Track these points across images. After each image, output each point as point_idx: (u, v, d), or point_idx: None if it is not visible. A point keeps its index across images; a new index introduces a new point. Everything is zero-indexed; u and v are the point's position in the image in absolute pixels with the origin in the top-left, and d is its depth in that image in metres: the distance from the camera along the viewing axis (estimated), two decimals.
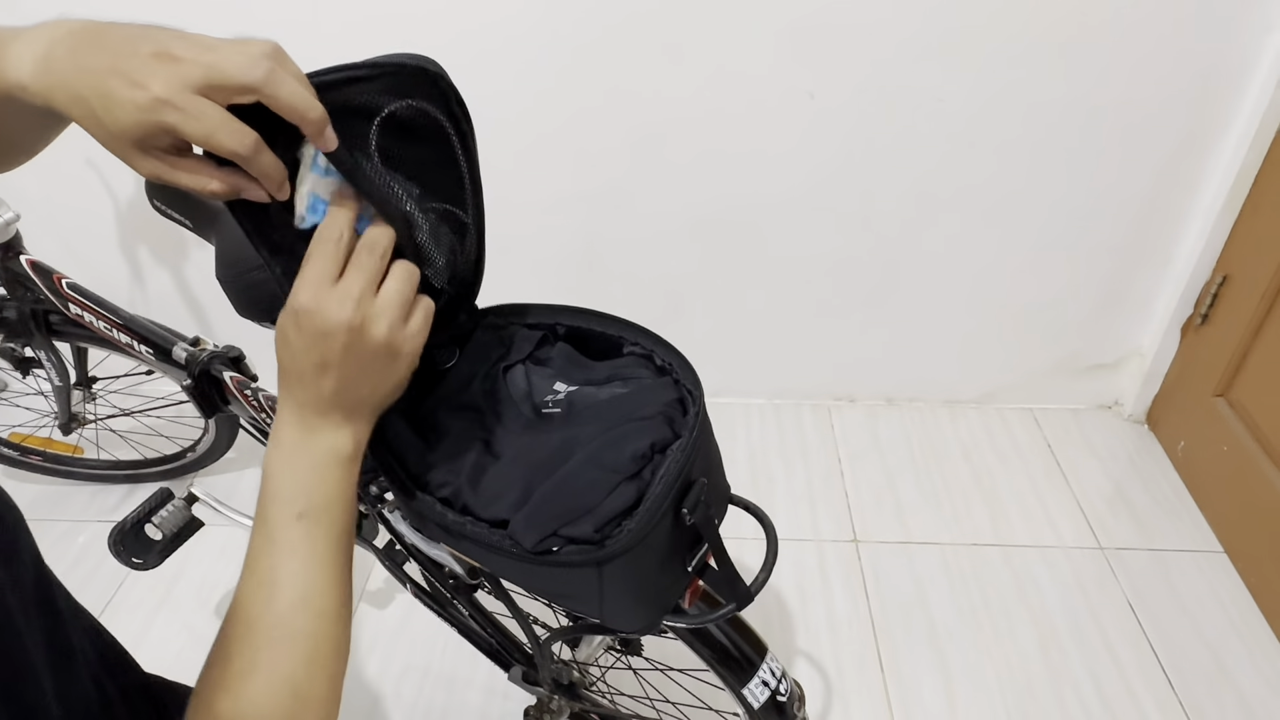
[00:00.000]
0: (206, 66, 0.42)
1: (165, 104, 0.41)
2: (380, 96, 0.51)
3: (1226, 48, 1.32)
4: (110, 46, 0.42)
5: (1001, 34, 1.33)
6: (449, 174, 0.59)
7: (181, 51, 0.42)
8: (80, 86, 0.42)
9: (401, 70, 0.52)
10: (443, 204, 0.59)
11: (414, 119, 0.54)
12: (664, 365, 0.65)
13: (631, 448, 0.58)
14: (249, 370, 1.06)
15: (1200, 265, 1.53)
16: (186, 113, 0.41)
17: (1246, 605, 1.41)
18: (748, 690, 0.79)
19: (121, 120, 0.41)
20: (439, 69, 0.53)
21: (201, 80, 0.42)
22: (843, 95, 1.41)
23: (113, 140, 0.43)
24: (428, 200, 0.58)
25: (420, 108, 0.54)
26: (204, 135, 0.42)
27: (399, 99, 0.52)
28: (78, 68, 0.42)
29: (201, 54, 0.42)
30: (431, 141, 0.56)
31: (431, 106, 0.54)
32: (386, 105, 0.52)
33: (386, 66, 0.51)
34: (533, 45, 1.38)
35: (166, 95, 0.41)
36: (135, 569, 1.11)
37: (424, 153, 0.56)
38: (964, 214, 1.54)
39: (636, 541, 0.54)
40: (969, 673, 1.33)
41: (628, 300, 1.70)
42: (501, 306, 0.71)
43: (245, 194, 0.47)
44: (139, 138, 0.42)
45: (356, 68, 0.50)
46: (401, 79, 0.52)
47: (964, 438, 1.77)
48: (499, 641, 1.05)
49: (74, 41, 0.43)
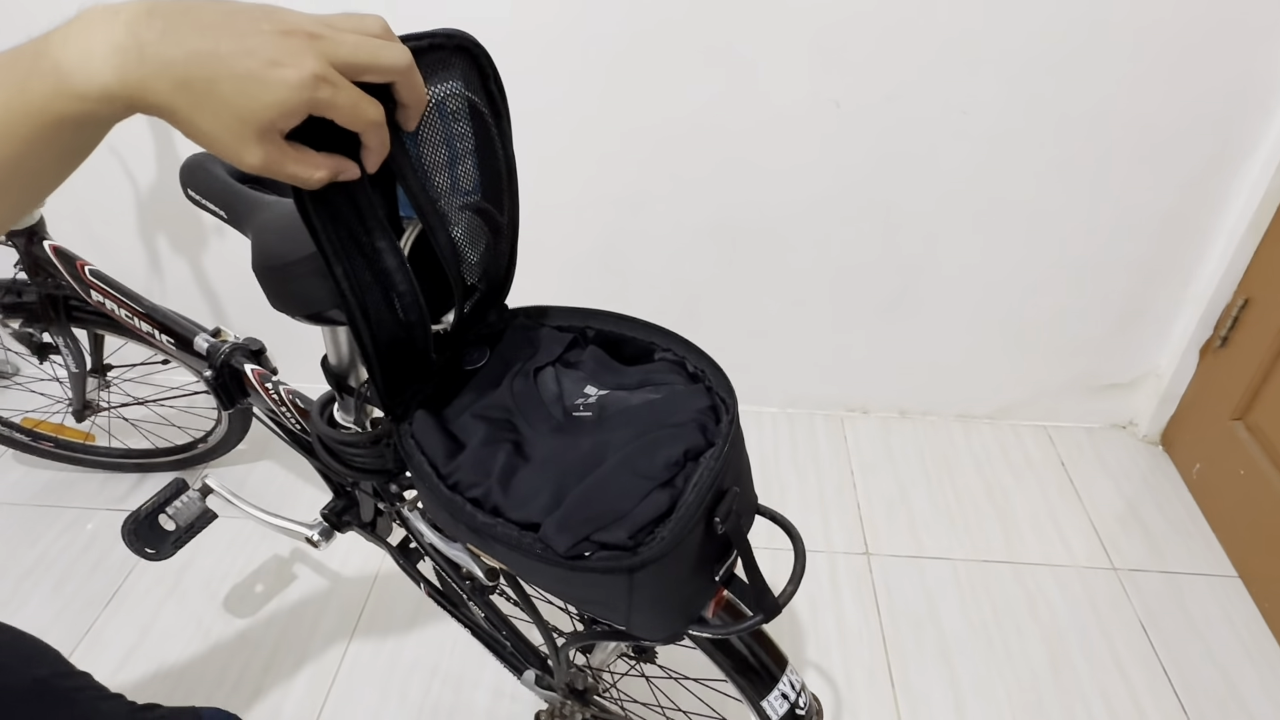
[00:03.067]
0: (354, 46, 0.41)
1: (322, 80, 0.39)
2: (430, 76, 0.50)
3: (1257, 69, 1.32)
4: (220, 26, 0.38)
5: (1028, 48, 1.33)
6: (486, 165, 0.58)
7: (315, 27, 0.40)
8: (194, 72, 0.37)
9: (446, 44, 0.51)
10: (479, 199, 0.59)
11: (455, 103, 0.53)
12: (696, 372, 0.65)
13: (664, 454, 0.57)
14: (269, 363, 1.06)
15: (1222, 287, 1.52)
16: (338, 88, 0.40)
17: (1259, 630, 1.40)
18: (767, 703, 0.78)
19: (264, 101, 0.38)
20: (481, 46, 0.53)
21: (347, 59, 0.40)
22: (869, 105, 1.40)
23: (235, 127, 0.38)
24: (464, 194, 0.57)
25: (461, 90, 0.53)
26: (351, 108, 0.41)
27: (445, 80, 0.52)
28: (188, 52, 0.37)
29: (337, 31, 0.41)
30: (469, 128, 0.55)
31: (473, 88, 0.54)
32: (434, 87, 0.51)
33: (437, 38, 0.50)
34: (562, 52, 1.38)
35: (322, 71, 0.39)
36: (148, 559, 1.11)
37: (461, 141, 0.55)
38: (984, 227, 1.54)
39: (669, 549, 0.54)
40: (979, 688, 1.32)
41: (646, 303, 1.70)
42: (531, 308, 0.71)
43: (343, 175, 0.46)
44: (274, 120, 0.39)
45: (417, 38, 0.48)
46: (446, 54, 0.51)
47: (977, 452, 1.76)
48: (513, 644, 1.05)
49: (163, 25, 0.37)
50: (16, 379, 1.81)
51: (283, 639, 1.39)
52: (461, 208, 0.58)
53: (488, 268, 0.65)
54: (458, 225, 0.59)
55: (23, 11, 1.40)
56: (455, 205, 0.57)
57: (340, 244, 0.50)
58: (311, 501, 1.62)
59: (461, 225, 0.59)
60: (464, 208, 0.58)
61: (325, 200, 0.47)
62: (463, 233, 0.60)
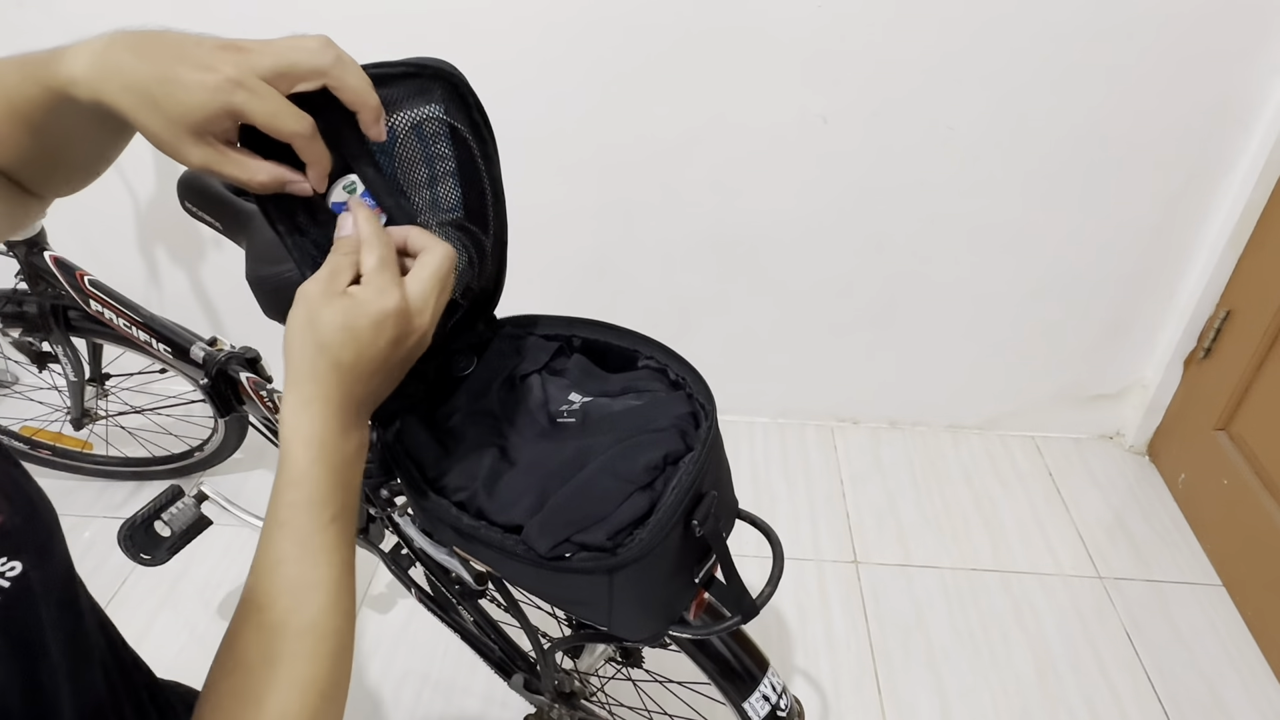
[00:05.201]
0: (275, 54, 0.44)
1: (237, 84, 0.43)
2: (406, 100, 0.53)
3: (1235, 86, 1.35)
4: (172, 42, 0.44)
5: (1014, 65, 1.35)
6: (469, 185, 0.60)
7: (247, 44, 0.44)
8: (138, 76, 0.43)
9: (423, 72, 0.53)
10: (460, 217, 0.61)
11: (434, 126, 0.55)
12: (677, 379, 0.66)
13: (645, 458, 0.59)
14: (265, 371, 1.08)
15: (1204, 299, 1.55)
16: (255, 94, 0.44)
17: (1243, 638, 1.41)
18: (748, 704, 0.80)
19: (186, 103, 0.43)
20: (460, 74, 0.55)
21: (270, 68, 0.44)
22: (856, 121, 1.43)
23: (169, 127, 0.44)
24: (442, 213, 0.59)
25: (440, 114, 0.55)
26: (269, 115, 0.44)
27: (423, 104, 0.54)
28: (138, 59, 0.44)
29: (267, 45, 0.45)
30: (450, 150, 0.57)
31: (453, 113, 0.56)
32: (411, 110, 0.53)
33: (411, 66, 0.52)
34: (559, 69, 1.40)
35: (238, 76, 0.43)
36: (143, 565, 1.12)
37: (442, 162, 0.57)
38: (972, 241, 1.56)
39: (648, 550, 0.56)
40: (965, 696, 1.33)
41: (638, 314, 1.72)
42: (519, 317, 0.72)
43: (290, 188, 0.49)
44: (199, 121, 0.44)
45: (390, 65, 0.51)
46: (424, 81, 0.53)
47: (966, 463, 1.78)
48: (502, 648, 1.06)
49: (133, 40, 0.45)
50: (15, 387, 1.83)
51: None
52: (442, 224, 0.59)
53: (470, 283, 0.66)
54: None
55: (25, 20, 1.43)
56: (434, 222, 0.59)
57: (304, 252, 0.52)
58: None
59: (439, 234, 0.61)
60: (445, 224, 0.60)
61: (286, 211, 0.51)
62: None
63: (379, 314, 0.48)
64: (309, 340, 0.48)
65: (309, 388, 0.49)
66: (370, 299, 0.48)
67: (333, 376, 0.48)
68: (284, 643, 0.46)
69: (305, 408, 0.49)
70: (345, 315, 0.48)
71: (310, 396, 0.49)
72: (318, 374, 0.48)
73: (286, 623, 0.46)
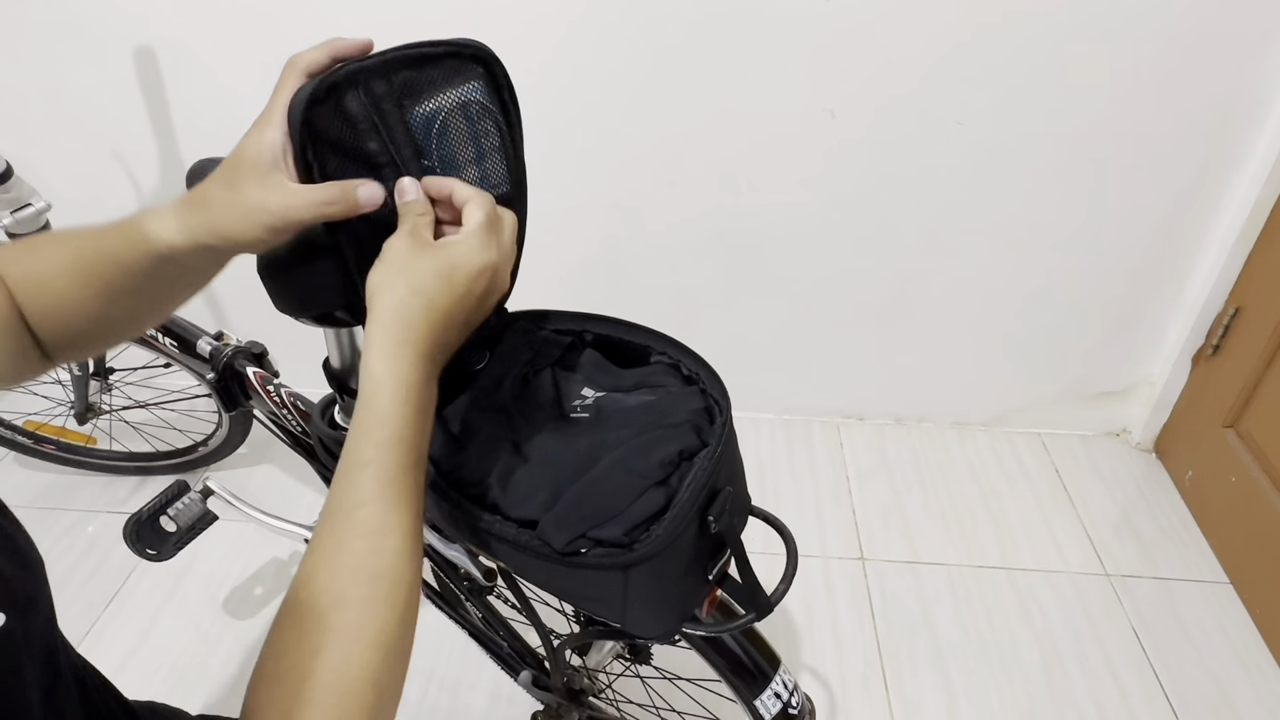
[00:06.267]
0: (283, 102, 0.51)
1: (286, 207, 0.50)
2: (442, 83, 0.54)
3: (1246, 81, 1.34)
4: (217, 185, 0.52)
5: (1023, 61, 1.35)
6: (496, 169, 0.60)
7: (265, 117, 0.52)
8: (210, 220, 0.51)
9: (461, 53, 0.54)
10: (508, 191, 0.61)
11: (477, 107, 0.56)
12: (691, 375, 0.66)
13: (660, 454, 0.58)
14: (271, 366, 1.07)
15: (1213, 296, 1.54)
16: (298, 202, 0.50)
17: (1251, 636, 1.41)
18: (759, 702, 0.79)
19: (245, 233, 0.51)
20: (495, 57, 0.56)
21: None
22: (864, 116, 1.42)
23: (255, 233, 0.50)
24: (494, 188, 0.60)
25: (480, 96, 0.56)
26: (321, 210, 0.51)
27: (461, 83, 0.55)
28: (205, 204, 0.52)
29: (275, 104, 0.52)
30: (481, 133, 0.58)
31: (488, 93, 0.57)
32: (453, 91, 0.54)
33: (452, 46, 0.54)
34: (564, 61, 1.40)
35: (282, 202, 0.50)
36: (149, 560, 1.11)
37: (473, 145, 0.58)
38: (979, 237, 1.56)
39: (664, 546, 0.55)
40: (972, 694, 1.33)
41: (644, 309, 1.71)
42: (530, 311, 0.72)
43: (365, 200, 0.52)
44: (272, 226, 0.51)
45: (431, 45, 0.52)
46: (462, 61, 0.54)
47: (972, 460, 1.77)
48: (510, 645, 1.06)
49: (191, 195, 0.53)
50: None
51: None
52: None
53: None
54: None
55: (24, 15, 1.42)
56: None
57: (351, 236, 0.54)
58: (312, 504, 1.63)
59: None
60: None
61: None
62: None
63: (481, 266, 0.51)
64: (402, 285, 0.50)
65: (400, 332, 0.49)
66: (473, 251, 0.51)
67: (425, 322, 0.50)
68: (357, 587, 0.45)
69: (397, 350, 0.49)
70: (444, 264, 0.50)
71: (402, 340, 0.49)
72: (410, 318, 0.49)
73: (363, 565, 0.45)
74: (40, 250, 0.55)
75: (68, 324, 0.55)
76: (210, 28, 1.39)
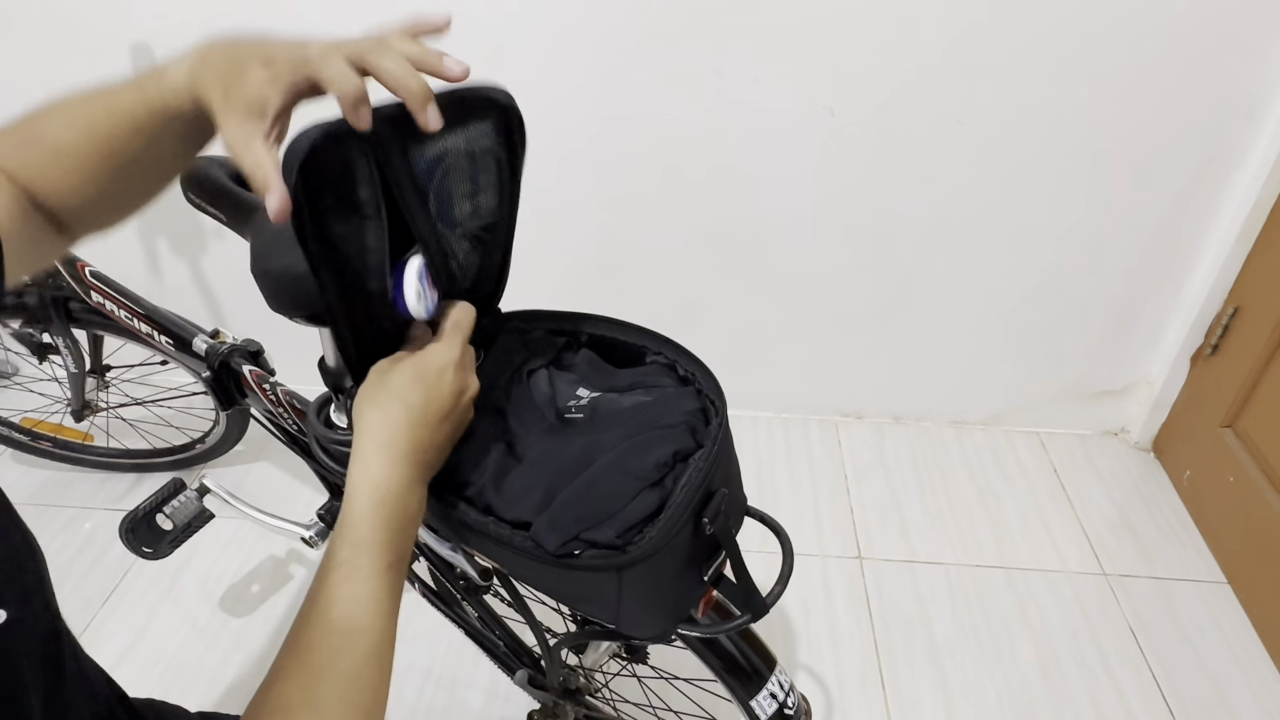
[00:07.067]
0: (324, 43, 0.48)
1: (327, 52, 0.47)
2: (453, 124, 0.53)
3: (1245, 81, 1.33)
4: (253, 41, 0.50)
5: (1023, 58, 1.34)
6: (488, 202, 0.60)
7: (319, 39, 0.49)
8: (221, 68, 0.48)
9: (474, 97, 0.54)
10: (478, 228, 0.61)
11: (485, 148, 0.56)
12: (686, 375, 0.66)
13: (655, 455, 0.58)
14: (267, 364, 1.07)
15: (1212, 296, 1.54)
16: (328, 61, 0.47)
17: (1248, 636, 1.41)
18: (755, 702, 0.79)
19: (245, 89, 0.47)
20: (513, 102, 0.56)
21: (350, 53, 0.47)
22: (863, 113, 1.42)
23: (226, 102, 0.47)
24: (466, 223, 0.59)
25: (492, 143, 0.56)
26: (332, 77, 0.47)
27: (469, 127, 0.55)
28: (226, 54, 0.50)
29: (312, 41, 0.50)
30: (482, 169, 0.58)
31: (494, 136, 0.57)
32: (453, 135, 0.54)
33: (478, 91, 0.53)
34: (562, 57, 1.39)
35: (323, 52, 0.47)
36: (145, 558, 1.11)
37: (470, 182, 0.58)
38: (979, 235, 1.55)
39: (657, 548, 0.55)
40: (969, 692, 1.33)
41: (642, 308, 1.71)
42: (524, 311, 0.72)
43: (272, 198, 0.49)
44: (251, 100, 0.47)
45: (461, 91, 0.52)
46: (472, 105, 0.54)
47: (970, 458, 1.77)
48: (506, 644, 1.06)
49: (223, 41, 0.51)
50: (16, 379, 1.83)
51: (278, 639, 1.39)
52: (460, 238, 0.59)
53: (478, 283, 0.65)
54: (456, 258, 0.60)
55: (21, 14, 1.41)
56: (456, 238, 0.59)
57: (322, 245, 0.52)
58: (308, 502, 1.63)
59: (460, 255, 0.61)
60: (461, 239, 0.60)
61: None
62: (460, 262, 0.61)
63: (445, 363, 0.55)
64: (379, 391, 0.54)
65: (380, 433, 0.52)
66: (438, 351, 0.56)
67: (402, 419, 0.53)
68: (324, 685, 0.46)
69: (376, 453, 0.52)
70: (414, 366, 0.54)
71: (381, 442, 0.52)
72: (388, 419, 0.52)
73: (331, 665, 0.47)
74: (55, 118, 0.54)
75: (82, 192, 0.54)
76: (210, 27, 1.38)
